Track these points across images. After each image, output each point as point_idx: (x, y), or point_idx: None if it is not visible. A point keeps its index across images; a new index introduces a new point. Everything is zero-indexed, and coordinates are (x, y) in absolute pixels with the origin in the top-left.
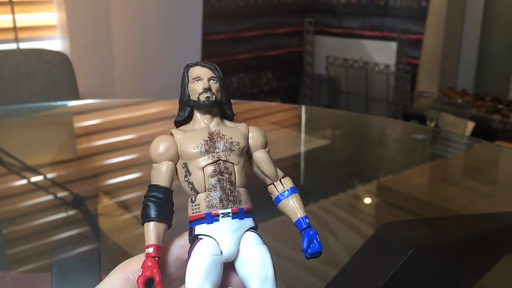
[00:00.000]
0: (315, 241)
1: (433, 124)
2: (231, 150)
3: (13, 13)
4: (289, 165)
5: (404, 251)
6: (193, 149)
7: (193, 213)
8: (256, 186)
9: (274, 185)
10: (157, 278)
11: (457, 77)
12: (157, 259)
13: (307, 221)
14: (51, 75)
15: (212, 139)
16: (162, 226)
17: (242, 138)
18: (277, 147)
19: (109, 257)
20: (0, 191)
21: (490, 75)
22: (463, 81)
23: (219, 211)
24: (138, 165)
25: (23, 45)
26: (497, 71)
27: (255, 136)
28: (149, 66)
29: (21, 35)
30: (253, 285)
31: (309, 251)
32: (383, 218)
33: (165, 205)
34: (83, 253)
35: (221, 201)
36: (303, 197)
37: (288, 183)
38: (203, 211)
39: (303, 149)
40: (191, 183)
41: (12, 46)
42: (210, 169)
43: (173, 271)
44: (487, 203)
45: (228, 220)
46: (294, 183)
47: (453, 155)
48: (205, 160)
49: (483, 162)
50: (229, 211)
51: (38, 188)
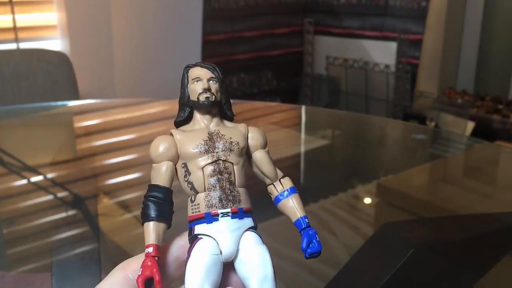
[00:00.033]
0: (314, 241)
1: (433, 124)
2: (231, 150)
3: (13, 13)
4: (289, 165)
5: (404, 251)
6: (193, 149)
7: (192, 213)
8: (255, 186)
9: (273, 185)
10: (157, 277)
11: (457, 77)
12: (156, 258)
13: (307, 221)
14: (51, 75)
15: (211, 139)
16: (162, 226)
17: (241, 138)
18: (277, 147)
19: (109, 257)
20: (0, 191)
21: (490, 75)
22: (463, 81)
23: (219, 211)
24: (138, 165)
25: (23, 45)
26: (497, 71)
27: (254, 136)
28: (149, 66)
29: (21, 35)
30: (253, 285)
31: (308, 250)
32: (383, 218)
33: (165, 205)
34: (83, 253)
35: (221, 200)
36: (303, 197)
37: (287, 183)
38: (203, 210)
39: (303, 149)
40: (190, 183)
41: (12, 46)
42: (209, 169)
43: (173, 271)
44: (487, 203)
45: (227, 219)
46: (294, 183)
47: (453, 155)
48: (205, 160)
49: (483, 162)
50: (228, 210)
51: (38, 188)
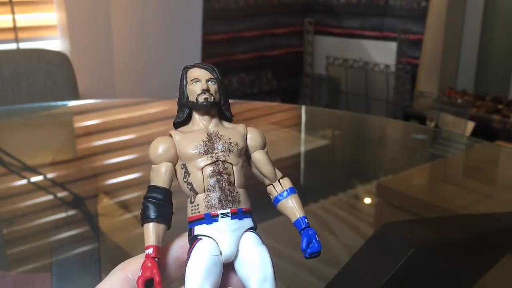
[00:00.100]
0: (314, 241)
1: (433, 124)
2: (230, 150)
3: (13, 13)
4: (289, 165)
5: (404, 251)
6: (192, 150)
7: (192, 213)
8: (255, 186)
9: (273, 186)
10: (157, 278)
11: (457, 77)
12: (156, 259)
13: (306, 221)
14: (51, 75)
15: (210, 140)
16: (161, 227)
17: (240, 138)
18: (277, 147)
19: (109, 257)
20: (0, 191)
21: (490, 75)
22: (463, 81)
23: (218, 212)
24: (138, 165)
25: (23, 45)
26: (497, 71)
27: (253, 137)
28: (149, 66)
29: (21, 35)
30: (253, 285)
31: (308, 250)
32: (383, 218)
33: (165, 206)
34: (83, 253)
35: (220, 201)
36: (303, 197)
37: (286, 183)
38: (202, 211)
39: (303, 149)
40: (190, 184)
41: (12, 46)
42: (209, 170)
43: (173, 272)
44: (487, 203)
45: (227, 220)
46: (293, 183)
47: (453, 155)
48: (204, 160)
49: (483, 162)
50: (228, 211)
51: (38, 188)
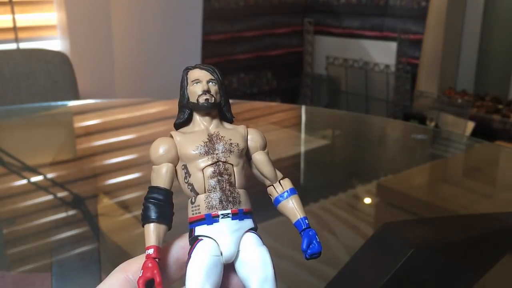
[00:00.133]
0: (314, 242)
1: (433, 124)
2: (231, 151)
3: (13, 13)
4: (289, 165)
5: (404, 251)
6: (193, 151)
7: (193, 214)
8: (255, 186)
9: (273, 187)
10: (158, 279)
11: (457, 77)
12: (157, 260)
13: (307, 222)
14: (51, 75)
15: (211, 140)
16: (162, 227)
17: (241, 139)
18: (277, 147)
19: (109, 257)
20: (0, 191)
21: (490, 75)
22: (463, 81)
23: (219, 212)
24: (138, 165)
25: (23, 45)
26: (497, 71)
27: (254, 138)
28: (149, 66)
29: (21, 35)
30: (253, 286)
31: (308, 251)
32: (383, 218)
33: (165, 206)
34: (83, 253)
35: (221, 202)
36: (303, 197)
37: (287, 184)
38: (203, 212)
39: (303, 149)
40: (191, 185)
41: (12, 46)
42: (209, 170)
43: (174, 272)
44: (487, 203)
45: (228, 221)
46: (294, 183)
47: (453, 155)
48: (205, 161)
49: (483, 162)
50: (228, 212)
51: (38, 188)
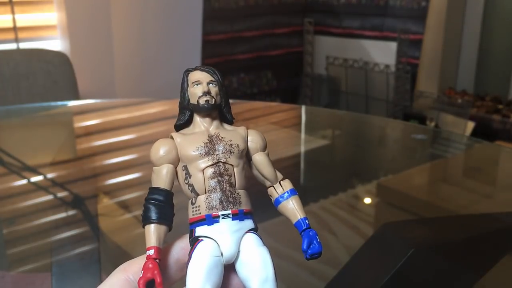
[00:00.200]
0: (315, 242)
1: (433, 124)
2: (231, 152)
3: (13, 13)
4: (289, 165)
5: (404, 251)
6: (193, 152)
7: (193, 215)
8: (255, 186)
9: (273, 187)
10: (158, 280)
11: (457, 77)
12: (158, 261)
13: (307, 222)
14: (51, 75)
15: (211, 141)
16: (163, 228)
17: (241, 140)
18: (277, 147)
19: (109, 257)
20: (0, 191)
21: (490, 75)
22: (463, 81)
23: (219, 213)
24: (138, 165)
25: (23, 45)
26: (497, 71)
27: (254, 139)
28: (149, 66)
29: (21, 35)
30: (254, 286)
31: (309, 251)
32: (383, 218)
33: (166, 207)
34: (83, 253)
35: (221, 202)
36: (303, 197)
37: (287, 185)
38: (203, 212)
39: (303, 149)
40: (191, 185)
41: (12, 46)
42: (210, 171)
43: (174, 273)
44: (487, 203)
45: (228, 221)
46: (294, 183)
47: (453, 155)
48: (205, 162)
49: (483, 162)
50: (229, 212)
51: (38, 188)
